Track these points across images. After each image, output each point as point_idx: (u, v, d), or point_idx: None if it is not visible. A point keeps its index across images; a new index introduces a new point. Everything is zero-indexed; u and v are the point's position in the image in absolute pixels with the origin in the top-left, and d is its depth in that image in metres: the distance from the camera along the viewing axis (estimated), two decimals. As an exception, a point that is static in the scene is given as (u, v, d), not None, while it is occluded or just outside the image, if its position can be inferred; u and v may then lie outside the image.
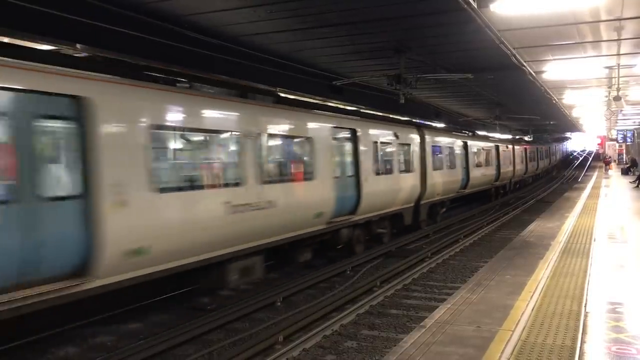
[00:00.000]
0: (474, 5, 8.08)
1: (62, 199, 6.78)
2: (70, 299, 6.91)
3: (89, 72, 7.37)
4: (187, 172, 8.91)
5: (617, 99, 15.29)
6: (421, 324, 6.65)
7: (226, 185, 9.42)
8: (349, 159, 13.69)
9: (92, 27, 9.19)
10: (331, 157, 12.67)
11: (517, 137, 43.52)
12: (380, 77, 15.45)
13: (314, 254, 12.85)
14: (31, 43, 8.49)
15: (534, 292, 7.78)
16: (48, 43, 8.78)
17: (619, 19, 9.46)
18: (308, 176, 11.73)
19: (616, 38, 10.90)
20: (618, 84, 14.82)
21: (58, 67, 6.97)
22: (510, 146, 33.68)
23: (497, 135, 34.83)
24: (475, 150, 25.54)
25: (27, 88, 6.44)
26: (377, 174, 14.84)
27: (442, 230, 19.41)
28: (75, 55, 9.10)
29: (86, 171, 6.99)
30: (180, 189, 8.52)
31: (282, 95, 13.69)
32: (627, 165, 43.86)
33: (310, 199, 11.73)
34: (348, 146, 13.69)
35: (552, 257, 10.39)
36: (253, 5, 10.30)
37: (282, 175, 11.12)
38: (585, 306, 7.08)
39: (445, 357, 5.44)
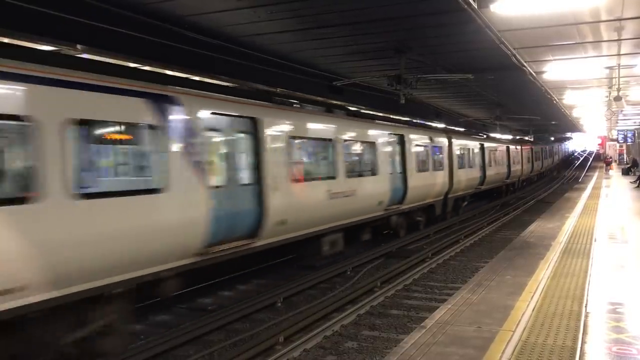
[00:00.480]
0: (474, 5, 8.08)
1: (248, 185, 9.88)
2: (245, 254, 9.84)
3: (257, 101, 10.68)
4: (308, 168, 12.05)
5: (617, 99, 15.29)
6: (422, 324, 6.65)
7: (328, 178, 12.45)
8: (398, 158, 16.67)
9: (92, 27, 9.20)
10: (388, 157, 15.68)
11: (526, 138, 44.85)
12: (380, 77, 15.45)
13: (372, 235, 15.56)
14: (33, 44, 8.50)
15: (534, 293, 7.78)
16: (49, 44, 8.79)
17: (619, 19, 9.46)
18: (374, 172, 14.75)
19: (616, 38, 10.89)
20: (618, 84, 14.82)
21: (245, 99, 10.40)
22: (519, 147, 36.23)
23: (508, 137, 37.76)
24: (490, 151, 28.19)
25: (228, 113, 9.57)
26: (418, 171, 17.81)
27: (443, 231, 19.42)
28: (247, 89, 12.96)
29: (257, 167, 10.01)
30: (305, 180, 11.60)
31: (351, 108, 17.74)
32: (628, 166, 43.86)
33: (375, 190, 14.76)
34: (398, 148, 16.71)
35: (552, 257, 10.38)
36: (253, 6, 10.30)
37: (358, 171, 14.21)
38: (585, 306, 7.08)
39: (446, 357, 5.43)
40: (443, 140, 20.87)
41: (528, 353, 5.48)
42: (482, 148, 26.53)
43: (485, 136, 30.05)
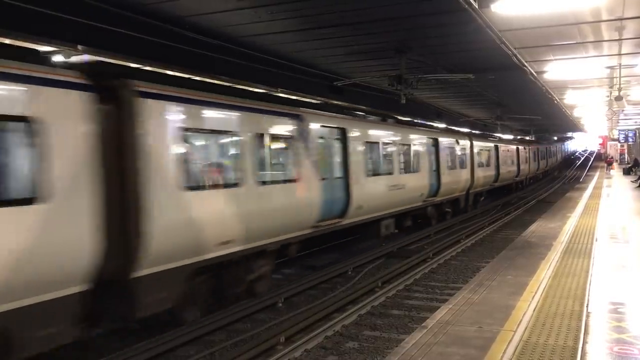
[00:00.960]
0: (475, 5, 8.07)
1: (339, 178, 13.28)
2: (336, 229, 13.39)
3: (344, 115, 14.74)
4: (375, 165, 15.54)
5: (618, 98, 15.28)
6: (423, 324, 6.65)
7: (388, 173, 16.14)
8: (433, 158, 20.10)
9: (92, 28, 9.20)
10: (426, 157, 19.34)
11: (527, 138, 46.22)
12: (381, 77, 15.46)
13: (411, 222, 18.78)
14: (34, 44, 8.50)
15: (535, 293, 7.77)
16: (50, 44, 8.79)
17: (620, 19, 9.45)
18: (417, 169, 18.42)
19: (617, 38, 10.88)
20: (619, 84, 14.81)
21: (336, 114, 14.19)
22: (527, 147, 39.85)
23: (517, 138, 42.16)
24: (503, 151, 31.42)
25: (329, 125, 13.15)
26: (448, 169, 21.38)
27: (444, 231, 19.41)
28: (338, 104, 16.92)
29: (345, 165, 13.55)
30: (374, 175, 15.24)
31: (400, 118, 21.38)
32: (629, 165, 43.82)
33: (419, 184, 18.39)
34: (433, 149, 20.15)
35: (553, 257, 10.38)
36: (254, 6, 10.31)
37: (408, 168, 17.73)
38: (587, 306, 7.07)
39: (447, 357, 5.43)
40: (466, 143, 24.48)
41: (529, 353, 5.48)
42: (496, 149, 29.99)
43: (498, 138, 33.51)
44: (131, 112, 7.74)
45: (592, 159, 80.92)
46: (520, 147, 37.22)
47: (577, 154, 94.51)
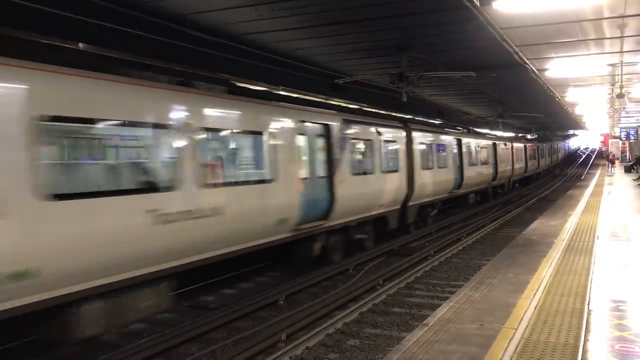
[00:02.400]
0: (476, 3, 8.07)
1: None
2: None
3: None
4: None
5: (620, 96, 15.26)
6: (424, 322, 6.64)
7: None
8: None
9: (93, 25, 9.20)
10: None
11: (528, 136, 46.90)
12: (382, 75, 15.45)
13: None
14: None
15: (536, 290, 7.77)
16: (51, 42, 8.79)
17: (622, 16, 9.44)
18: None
19: (619, 35, 10.87)
20: (621, 82, 14.81)
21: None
22: (535, 145, 43.36)
23: (528, 137, 45.22)
24: (516, 150, 35.03)
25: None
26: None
27: (445, 229, 19.41)
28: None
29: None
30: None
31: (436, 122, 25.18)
32: (631, 163, 43.79)
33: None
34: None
35: (555, 255, 10.37)
36: (255, 4, 10.30)
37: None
38: (588, 304, 7.07)
39: (448, 355, 5.43)
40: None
41: (530, 351, 5.48)
42: (512, 148, 33.36)
43: (463, 130, 33.42)
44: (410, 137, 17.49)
45: (593, 156, 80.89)
46: (528, 145, 37.58)
47: (578, 151, 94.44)
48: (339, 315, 9.34)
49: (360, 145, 14.40)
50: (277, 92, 14.17)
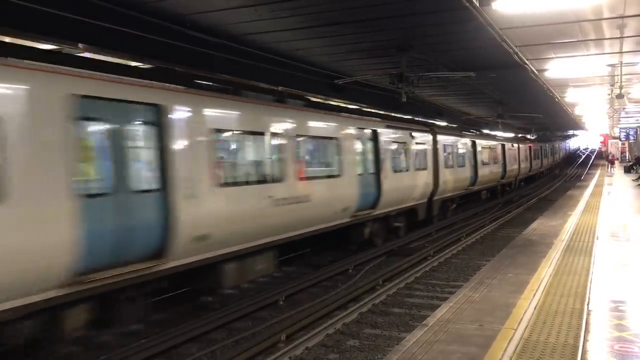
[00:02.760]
0: (476, 3, 8.07)
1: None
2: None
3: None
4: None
5: (619, 96, 15.27)
6: (423, 322, 6.65)
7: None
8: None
9: (92, 26, 9.20)
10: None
11: (528, 136, 47.57)
12: (382, 75, 15.45)
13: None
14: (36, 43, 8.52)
15: (536, 291, 7.77)
16: (51, 42, 8.80)
17: (622, 17, 9.44)
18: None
19: (619, 36, 10.87)
20: (621, 82, 14.80)
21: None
22: (539, 145, 45.68)
23: (531, 137, 47.35)
24: (523, 150, 37.23)
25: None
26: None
27: (445, 229, 19.42)
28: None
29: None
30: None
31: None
32: (631, 164, 43.80)
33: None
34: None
35: (554, 255, 10.37)
36: (254, 5, 10.30)
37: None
38: (587, 304, 7.07)
39: (448, 355, 5.43)
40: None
41: (530, 351, 5.48)
42: (518, 149, 35.51)
43: (518, 139, 38.60)
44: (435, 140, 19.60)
45: (593, 157, 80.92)
46: (532, 145, 40.49)
47: (578, 152, 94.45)
48: (339, 316, 9.35)
49: (399, 147, 16.61)
50: (343, 105, 17.78)
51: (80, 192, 6.88)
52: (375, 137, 15.01)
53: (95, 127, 7.49)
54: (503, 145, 31.43)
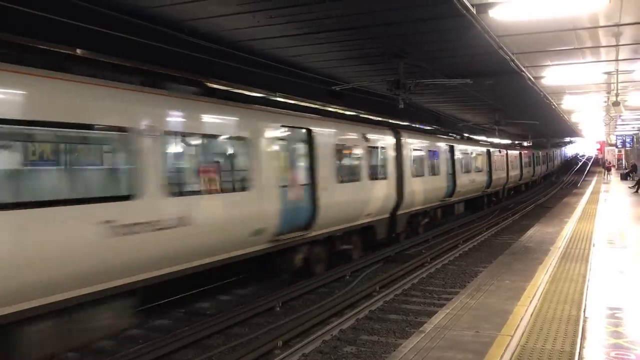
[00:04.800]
0: (473, 11, 8.11)
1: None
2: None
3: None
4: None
5: (616, 104, 15.31)
6: (420, 329, 6.64)
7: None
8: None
9: (90, 31, 9.21)
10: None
11: (534, 143, 48.47)
12: (379, 82, 15.49)
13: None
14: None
15: (533, 297, 7.78)
16: (48, 47, 8.80)
17: (618, 25, 9.49)
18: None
19: (615, 44, 10.93)
20: (617, 90, 14.85)
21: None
22: (542, 152, 47.41)
23: (523, 144, 47.56)
24: (513, 156, 36.37)
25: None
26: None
27: (442, 235, 19.42)
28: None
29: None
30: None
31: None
32: (627, 171, 43.95)
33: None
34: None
35: (551, 262, 10.39)
36: (252, 11, 10.34)
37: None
38: (584, 311, 7.08)
39: (444, 362, 5.43)
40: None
41: (526, 358, 5.48)
42: (506, 155, 34.17)
43: (507, 144, 38.72)
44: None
45: (589, 164, 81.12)
46: (534, 152, 43.14)
47: (574, 159, 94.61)
48: (336, 322, 9.33)
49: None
50: (387, 120, 19.55)
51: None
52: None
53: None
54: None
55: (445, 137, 23.39)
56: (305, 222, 11.68)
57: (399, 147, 16.55)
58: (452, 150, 22.31)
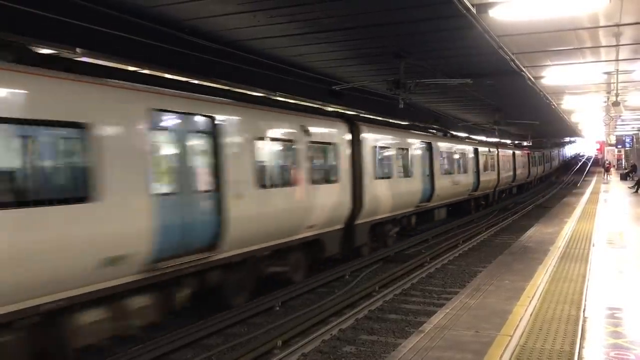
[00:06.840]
0: (473, 11, 8.11)
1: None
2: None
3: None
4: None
5: (616, 104, 15.31)
6: (420, 328, 6.65)
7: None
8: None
9: (91, 31, 9.21)
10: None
11: (533, 143, 48.63)
12: (380, 82, 15.50)
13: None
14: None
15: (532, 297, 7.78)
16: (49, 47, 8.79)
17: (618, 25, 9.49)
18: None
19: (615, 44, 10.93)
20: (617, 90, 14.85)
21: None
22: (526, 152, 45.50)
23: (522, 143, 48.31)
24: (505, 155, 35.48)
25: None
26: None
27: (441, 235, 19.42)
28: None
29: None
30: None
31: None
32: (627, 171, 43.96)
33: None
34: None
35: (550, 262, 10.39)
36: (253, 10, 10.34)
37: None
38: (583, 311, 7.09)
39: (444, 362, 5.44)
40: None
41: (526, 358, 5.48)
42: (497, 155, 32.75)
43: (498, 143, 38.13)
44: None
45: (589, 164, 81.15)
46: (545, 152, 46.82)
47: (574, 159, 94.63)
48: (335, 322, 9.33)
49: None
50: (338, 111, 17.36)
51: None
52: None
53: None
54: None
55: (421, 133, 19.72)
56: (209, 240, 8.90)
57: (356, 143, 13.69)
58: (430, 148, 19.36)
